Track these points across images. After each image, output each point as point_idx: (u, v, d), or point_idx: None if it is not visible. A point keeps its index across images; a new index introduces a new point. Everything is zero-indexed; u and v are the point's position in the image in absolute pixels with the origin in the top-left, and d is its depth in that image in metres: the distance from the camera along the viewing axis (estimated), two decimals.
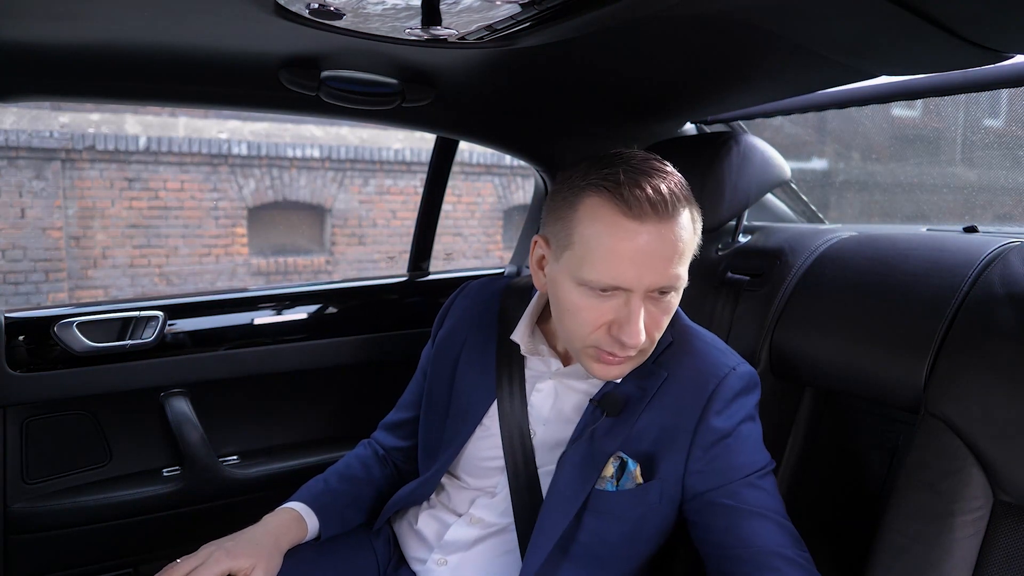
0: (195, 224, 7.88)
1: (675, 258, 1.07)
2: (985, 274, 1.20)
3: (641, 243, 1.04)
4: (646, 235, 1.04)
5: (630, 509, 1.16)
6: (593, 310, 1.09)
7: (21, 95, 1.51)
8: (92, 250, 7.45)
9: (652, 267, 1.05)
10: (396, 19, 1.14)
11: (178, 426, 1.86)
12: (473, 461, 1.31)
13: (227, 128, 7.94)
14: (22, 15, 1.17)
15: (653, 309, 1.10)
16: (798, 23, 1.14)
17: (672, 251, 1.06)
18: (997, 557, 1.03)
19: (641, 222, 1.04)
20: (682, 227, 1.07)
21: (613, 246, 1.05)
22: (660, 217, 1.05)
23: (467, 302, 1.43)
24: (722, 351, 1.23)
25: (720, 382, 1.16)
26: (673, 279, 1.08)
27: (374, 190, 8.68)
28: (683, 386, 1.17)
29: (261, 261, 8.21)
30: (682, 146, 1.74)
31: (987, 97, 1.99)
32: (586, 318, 1.09)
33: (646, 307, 1.08)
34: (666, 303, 1.11)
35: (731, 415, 1.16)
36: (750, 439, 1.17)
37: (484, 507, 1.29)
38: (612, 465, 1.15)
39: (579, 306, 1.10)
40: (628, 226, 1.05)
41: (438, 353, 1.41)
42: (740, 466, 1.13)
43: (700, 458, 1.14)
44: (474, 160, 8.96)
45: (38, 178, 7.09)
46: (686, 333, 1.25)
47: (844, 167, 3.07)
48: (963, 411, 1.08)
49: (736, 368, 1.19)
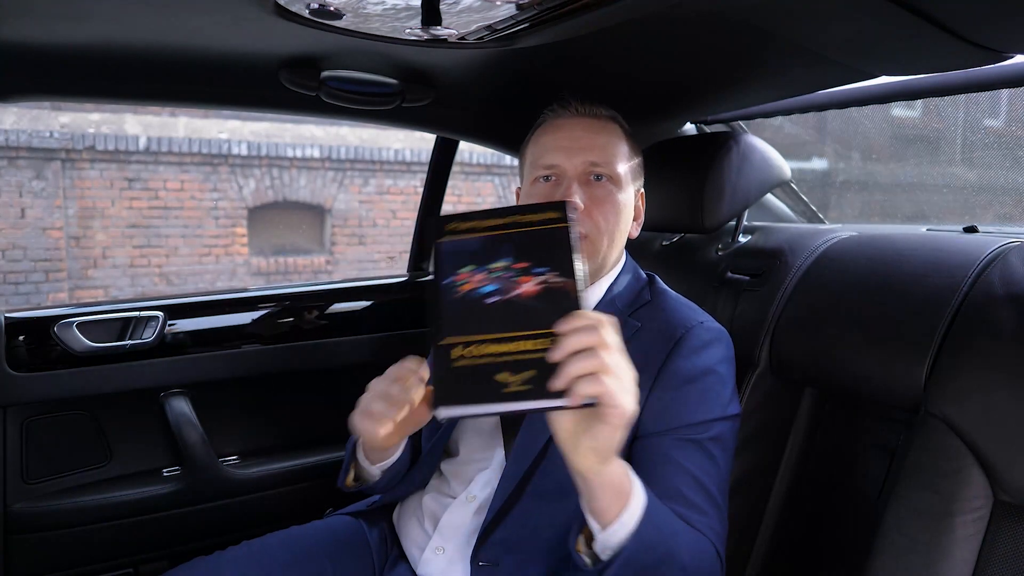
0: (195, 224, 7.88)
1: (603, 146, 1.29)
2: (985, 274, 1.20)
3: (567, 131, 1.30)
4: (573, 126, 1.31)
5: None
6: (539, 198, 1.28)
7: (21, 95, 1.52)
8: (92, 250, 7.45)
9: (578, 148, 1.28)
10: (396, 19, 1.14)
11: (178, 426, 1.86)
12: (469, 431, 1.35)
13: (227, 128, 7.94)
14: (22, 15, 1.17)
15: (592, 192, 1.27)
16: (798, 23, 1.14)
17: (598, 140, 1.29)
18: (997, 557, 1.03)
19: (568, 118, 1.33)
20: (608, 128, 1.32)
21: (547, 139, 1.32)
22: (586, 115, 1.33)
23: None
24: (693, 309, 1.33)
25: (688, 331, 1.25)
26: (601, 160, 1.28)
27: (374, 190, 8.68)
28: (653, 335, 1.26)
29: (261, 261, 8.21)
30: (682, 146, 1.74)
31: (987, 97, 1.99)
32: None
33: (583, 189, 1.27)
34: (604, 190, 1.28)
35: (695, 362, 1.22)
36: (709, 392, 1.21)
37: (482, 484, 1.30)
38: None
39: (531, 201, 1.30)
40: (559, 123, 1.33)
41: None
42: (688, 415, 1.18)
43: (658, 399, 1.19)
44: (474, 160, 8.96)
45: (38, 178, 7.10)
46: (663, 294, 1.36)
47: (844, 167, 3.07)
48: (963, 411, 1.08)
49: (704, 322, 1.28)
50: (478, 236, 0.94)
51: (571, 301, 0.88)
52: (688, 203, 1.64)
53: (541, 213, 0.94)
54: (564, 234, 0.92)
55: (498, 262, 0.92)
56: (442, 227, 0.96)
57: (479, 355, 0.89)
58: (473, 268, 0.92)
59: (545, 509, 1.21)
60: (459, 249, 0.94)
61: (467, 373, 0.88)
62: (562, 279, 0.90)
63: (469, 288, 0.91)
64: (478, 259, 0.93)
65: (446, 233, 0.95)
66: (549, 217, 0.93)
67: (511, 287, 0.91)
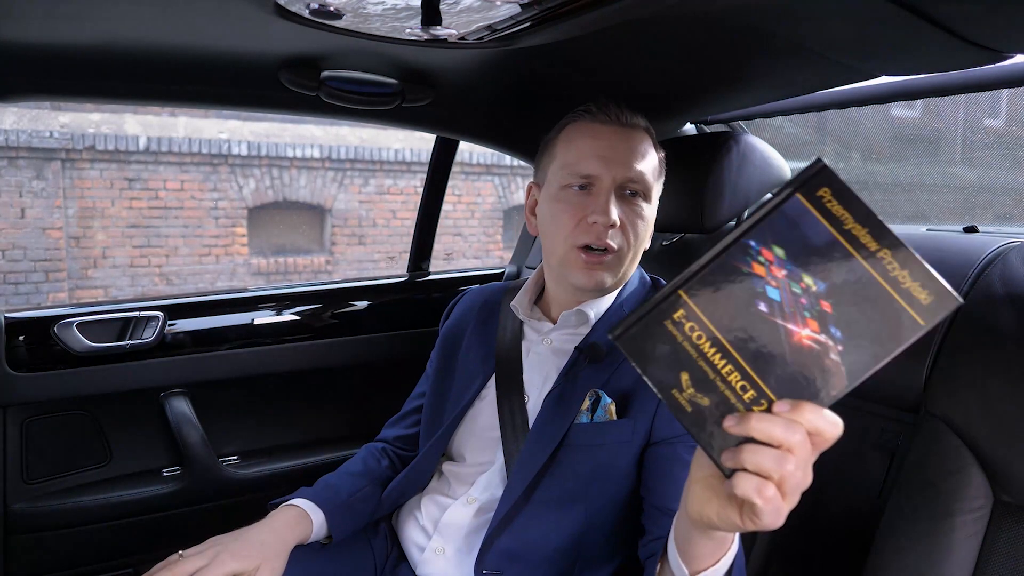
0: (195, 224, 7.88)
1: (638, 159, 1.25)
2: (985, 274, 1.20)
3: (606, 140, 1.25)
4: (611, 135, 1.26)
5: (601, 441, 1.20)
6: (572, 206, 1.25)
7: (21, 95, 1.51)
8: (92, 250, 7.45)
9: (617, 161, 1.24)
10: (396, 19, 1.14)
11: (178, 426, 1.86)
12: (471, 434, 1.35)
13: (227, 128, 7.94)
14: (22, 15, 1.17)
15: (625, 208, 1.25)
16: (798, 23, 1.14)
17: (635, 152, 1.25)
18: (997, 557, 1.03)
19: (606, 124, 1.27)
20: (645, 142, 1.28)
21: (584, 144, 1.26)
22: (623, 124, 1.27)
23: (473, 296, 1.53)
24: None
25: None
26: (638, 176, 1.25)
27: (374, 190, 8.68)
28: None
29: (261, 261, 8.21)
30: (682, 146, 1.74)
31: (987, 97, 1.98)
32: (567, 217, 1.25)
33: (618, 204, 1.24)
34: (637, 207, 1.27)
35: None
36: None
37: (482, 486, 1.30)
38: (588, 399, 1.22)
39: (562, 208, 1.26)
40: (596, 129, 1.27)
41: (443, 343, 1.49)
42: None
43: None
44: (474, 160, 8.96)
45: (38, 178, 7.10)
46: None
47: (844, 167, 3.07)
48: (963, 411, 1.08)
49: None
50: (831, 231, 0.66)
51: (824, 390, 0.67)
52: (688, 203, 1.64)
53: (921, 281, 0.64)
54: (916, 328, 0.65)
55: (810, 277, 0.67)
56: (819, 187, 0.66)
57: (692, 340, 0.70)
58: (784, 256, 0.67)
59: (550, 518, 1.20)
60: (798, 224, 0.67)
61: (662, 340, 0.71)
62: (843, 362, 0.66)
63: (756, 273, 0.68)
64: (801, 253, 0.67)
65: (817, 194, 0.66)
66: (928, 294, 0.64)
67: (792, 317, 0.67)
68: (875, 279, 0.65)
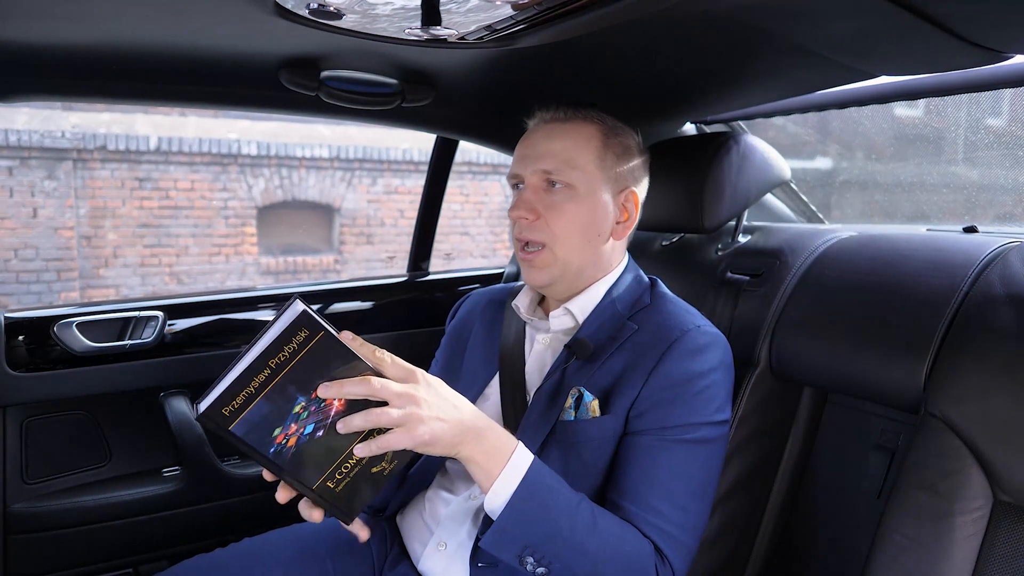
0: (205, 224, 7.92)
1: (559, 152, 1.28)
2: (985, 274, 1.19)
3: (531, 139, 1.33)
4: (535, 133, 1.33)
5: (586, 438, 1.21)
6: (512, 207, 1.31)
7: (21, 95, 1.52)
8: (103, 249, 7.49)
9: (534, 156, 1.29)
10: (396, 19, 1.14)
11: (178, 426, 1.86)
12: None
13: (237, 128, 7.97)
14: (22, 15, 1.18)
15: (548, 200, 1.29)
16: (798, 23, 1.13)
17: (554, 146, 1.29)
18: (997, 557, 1.03)
19: (537, 125, 1.34)
20: (578, 132, 1.30)
21: (518, 148, 1.34)
22: (549, 121, 1.33)
23: (479, 296, 1.55)
24: (692, 313, 1.32)
25: (683, 334, 1.24)
26: (554, 167, 1.27)
27: (382, 189, 8.71)
28: (649, 336, 1.26)
29: (270, 260, 8.24)
30: (682, 146, 1.74)
31: (989, 97, 1.98)
32: (510, 214, 1.31)
33: (540, 196, 1.29)
34: (559, 196, 1.28)
35: (688, 366, 1.21)
36: (699, 396, 1.20)
37: None
38: (571, 397, 1.23)
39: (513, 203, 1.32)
40: (529, 131, 1.35)
41: (449, 342, 1.52)
42: (675, 417, 1.18)
43: (647, 398, 1.20)
44: (481, 160, 8.97)
45: (50, 178, 7.14)
46: (663, 298, 1.36)
47: (846, 167, 3.06)
48: (963, 411, 1.08)
49: (701, 327, 1.27)
50: (258, 399, 0.90)
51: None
52: (688, 203, 1.63)
53: (292, 338, 0.90)
54: (326, 343, 0.92)
55: (296, 405, 0.92)
56: (220, 419, 0.89)
57: (349, 471, 0.97)
58: (281, 427, 0.92)
59: None
60: (254, 422, 0.90)
61: (352, 489, 0.98)
62: (347, 365, 0.94)
63: (294, 441, 0.93)
64: (277, 417, 0.91)
65: (229, 420, 0.89)
66: (303, 338, 0.90)
67: (325, 413, 0.94)
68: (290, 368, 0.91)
